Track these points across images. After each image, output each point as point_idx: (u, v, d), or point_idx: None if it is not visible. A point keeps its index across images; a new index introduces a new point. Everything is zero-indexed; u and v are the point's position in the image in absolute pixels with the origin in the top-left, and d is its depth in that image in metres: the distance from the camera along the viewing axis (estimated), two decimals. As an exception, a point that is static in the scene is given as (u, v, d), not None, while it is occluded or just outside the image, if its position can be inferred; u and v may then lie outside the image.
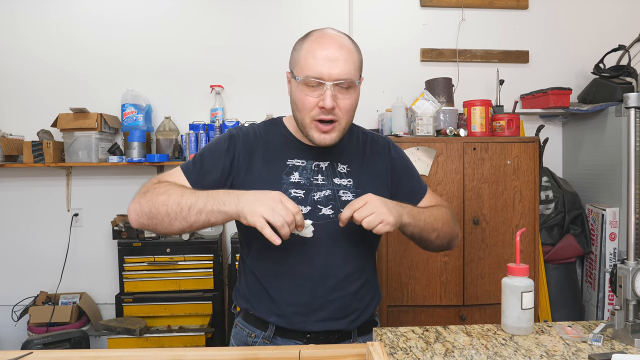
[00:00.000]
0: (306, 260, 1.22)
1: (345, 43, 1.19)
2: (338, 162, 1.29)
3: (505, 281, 1.19)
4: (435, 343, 1.12)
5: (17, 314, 2.92)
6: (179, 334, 2.65)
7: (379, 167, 1.34)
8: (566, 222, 2.75)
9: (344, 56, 1.16)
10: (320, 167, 1.27)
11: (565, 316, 2.71)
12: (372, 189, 1.25)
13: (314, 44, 1.17)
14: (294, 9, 3.05)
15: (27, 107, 2.98)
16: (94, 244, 3.01)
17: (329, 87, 1.15)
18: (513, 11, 3.12)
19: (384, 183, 1.33)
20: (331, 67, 1.14)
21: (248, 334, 1.27)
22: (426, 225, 1.24)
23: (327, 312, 1.22)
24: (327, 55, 1.15)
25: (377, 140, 1.39)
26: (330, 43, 1.17)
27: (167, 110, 2.97)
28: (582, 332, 1.17)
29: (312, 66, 1.15)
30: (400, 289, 2.41)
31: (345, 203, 1.22)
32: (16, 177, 3.00)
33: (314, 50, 1.16)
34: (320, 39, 1.18)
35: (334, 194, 1.25)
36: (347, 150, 1.31)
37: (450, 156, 2.41)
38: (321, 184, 1.25)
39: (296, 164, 1.26)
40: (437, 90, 2.69)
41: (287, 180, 1.24)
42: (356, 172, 1.30)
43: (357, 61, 1.21)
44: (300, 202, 1.22)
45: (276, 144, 1.29)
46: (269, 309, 1.23)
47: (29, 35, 2.98)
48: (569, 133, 3.09)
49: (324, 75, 1.14)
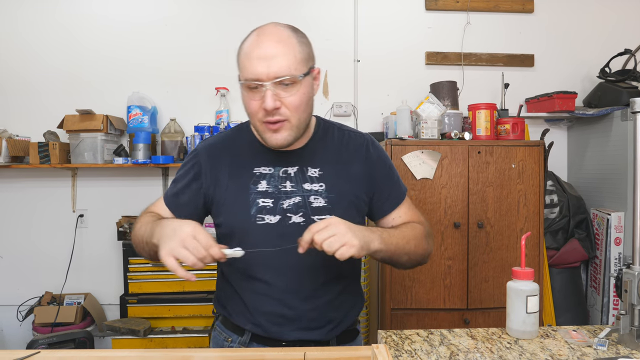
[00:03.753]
0: (277, 270, 1.18)
1: (283, 37, 1.10)
2: (308, 167, 1.22)
3: (510, 285, 1.19)
4: (440, 346, 1.12)
5: (23, 314, 2.93)
6: (183, 335, 2.65)
7: (355, 169, 1.25)
8: (571, 226, 2.74)
9: (281, 51, 1.08)
10: (289, 173, 1.21)
11: (569, 320, 2.70)
12: (346, 192, 1.21)
13: (251, 43, 1.11)
14: (298, 13, 3.06)
15: (33, 109, 3.00)
16: (99, 244, 3.02)
17: (269, 87, 1.07)
18: (518, 15, 3.12)
19: (360, 186, 1.25)
20: (268, 66, 1.07)
21: (225, 338, 1.26)
22: (397, 250, 1.15)
23: (302, 322, 1.19)
24: (262, 53, 1.08)
25: (354, 139, 1.29)
26: (266, 40, 1.09)
27: (173, 112, 2.99)
28: (587, 336, 1.17)
29: (248, 68, 1.09)
30: (404, 292, 2.41)
31: (317, 209, 1.18)
32: (22, 178, 3.02)
33: (250, 51, 1.09)
34: (257, 37, 1.11)
35: (304, 200, 1.19)
36: (319, 152, 1.24)
37: (455, 160, 2.41)
38: (290, 191, 1.20)
39: (263, 172, 1.21)
40: (442, 94, 2.69)
41: (254, 190, 1.19)
42: (329, 175, 1.22)
43: (299, 54, 1.11)
44: (269, 211, 1.18)
45: (242, 152, 1.24)
46: (244, 317, 1.22)
47: (35, 37, 3.00)
48: (574, 137, 3.09)
49: (262, 75, 1.07)
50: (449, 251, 2.40)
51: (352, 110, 3.05)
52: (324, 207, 1.19)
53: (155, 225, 1.09)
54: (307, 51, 1.15)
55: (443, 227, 2.40)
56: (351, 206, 1.23)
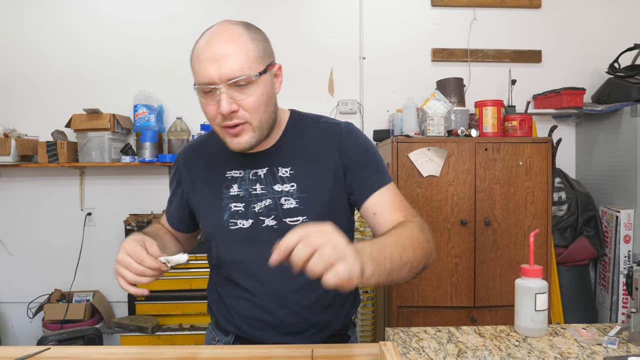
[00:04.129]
0: (254, 276, 1.16)
1: (234, 35, 1.03)
2: (278, 167, 1.16)
3: (518, 282, 1.18)
4: (447, 343, 1.12)
5: (33, 311, 2.96)
6: (190, 332, 2.67)
7: (328, 163, 1.15)
8: (579, 223, 2.72)
9: (232, 51, 1.01)
10: (259, 175, 1.16)
11: (577, 319, 2.68)
12: (320, 191, 1.13)
13: (201, 45, 1.04)
14: (303, 11, 3.05)
15: (41, 109, 3.02)
16: (106, 242, 3.04)
17: (223, 90, 1.01)
18: (525, 10, 3.10)
19: (336, 181, 1.15)
20: (220, 67, 1.00)
21: (213, 337, 1.28)
22: (394, 265, 0.92)
23: (283, 327, 1.17)
24: (213, 54, 1.01)
25: (327, 130, 1.18)
26: (217, 39, 1.02)
27: (179, 110, 3.00)
28: (597, 334, 1.16)
29: (200, 71, 1.02)
30: (411, 289, 2.40)
31: (288, 211, 1.13)
32: (31, 177, 3.04)
33: (200, 53, 1.03)
34: (207, 37, 1.04)
35: (275, 202, 1.14)
36: (291, 150, 1.17)
37: (462, 157, 2.40)
38: (260, 193, 1.15)
39: (235, 176, 1.18)
40: (449, 91, 2.68)
41: (227, 195, 1.17)
42: (301, 174, 1.15)
43: (252, 52, 1.03)
44: (241, 215, 1.15)
45: (215, 157, 1.22)
46: (227, 320, 1.23)
47: (41, 38, 3.02)
48: (582, 133, 3.06)
49: (214, 78, 1.01)
50: (455, 249, 2.40)
51: (357, 108, 3.04)
52: (296, 209, 1.13)
53: None
54: (262, 47, 1.07)
55: (450, 225, 2.39)
56: (325, 205, 1.14)
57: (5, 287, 3.05)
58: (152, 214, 2.93)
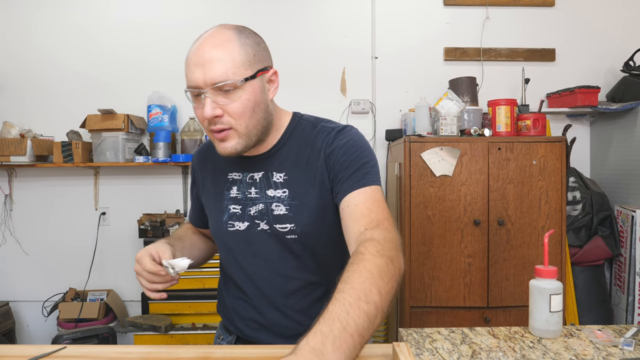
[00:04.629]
0: (249, 277, 1.18)
1: (223, 40, 1.02)
2: (273, 172, 1.14)
3: (533, 283, 1.17)
4: (461, 345, 1.11)
5: (47, 309, 3.00)
6: (203, 331, 2.68)
7: (316, 168, 1.11)
8: (594, 223, 2.69)
9: (219, 56, 1.00)
10: (255, 179, 1.16)
11: (592, 320, 2.66)
12: (311, 198, 1.10)
13: (191, 50, 1.04)
14: (315, 10, 3.06)
15: (56, 109, 3.06)
16: (120, 242, 3.07)
17: (207, 95, 1.01)
18: (539, 8, 3.07)
19: (322, 187, 1.10)
20: (205, 72, 1.00)
21: (218, 335, 1.31)
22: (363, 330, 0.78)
23: (277, 329, 1.17)
24: (199, 59, 1.01)
25: (321, 134, 1.14)
26: (206, 45, 1.01)
27: (192, 111, 3.00)
28: (613, 336, 1.15)
29: (188, 75, 1.03)
30: (424, 289, 2.39)
31: (278, 218, 1.11)
32: (46, 177, 3.08)
33: (189, 58, 1.03)
34: (197, 42, 1.04)
35: (267, 207, 1.13)
36: (287, 155, 1.15)
37: (475, 156, 2.39)
38: (255, 197, 1.15)
39: (235, 178, 1.19)
40: (461, 90, 2.66)
41: (227, 196, 1.19)
42: (294, 180, 1.12)
43: (239, 57, 1.01)
44: (239, 218, 1.16)
45: (220, 158, 1.22)
46: (229, 320, 1.26)
47: (54, 40, 3.06)
48: (597, 132, 3.03)
49: (199, 82, 1.01)
50: (469, 249, 2.38)
51: (370, 108, 3.04)
52: (285, 216, 1.11)
53: None
54: (253, 52, 1.04)
55: (463, 225, 2.38)
56: (315, 214, 1.11)
57: (21, 286, 3.10)
58: (166, 214, 2.95)
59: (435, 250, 2.38)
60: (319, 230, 1.12)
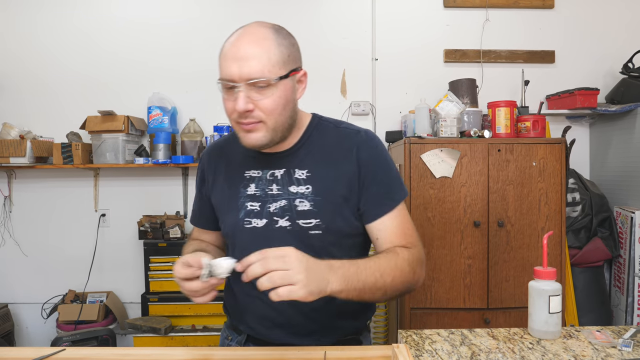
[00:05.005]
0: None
1: (260, 37, 1.06)
2: (295, 169, 1.17)
3: (532, 284, 1.18)
4: (461, 346, 1.11)
5: (47, 311, 3.00)
6: (203, 333, 2.68)
7: (345, 170, 1.16)
8: (594, 224, 2.70)
9: (256, 53, 1.04)
10: (276, 176, 1.18)
11: (592, 321, 2.66)
12: (335, 195, 1.15)
13: (228, 43, 1.08)
14: (316, 12, 3.06)
15: (56, 111, 3.06)
16: (120, 243, 3.07)
17: (241, 89, 1.04)
18: (538, 10, 3.08)
19: (351, 187, 1.15)
20: (241, 67, 1.03)
21: (226, 336, 1.29)
22: (366, 287, 1.00)
23: (290, 327, 1.18)
24: (237, 54, 1.05)
25: (348, 137, 1.19)
26: (243, 41, 1.06)
27: (192, 112, 3.02)
28: (611, 337, 1.15)
29: (223, 68, 1.07)
30: (424, 291, 2.39)
31: (301, 213, 1.14)
32: (46, 178, 3.08)
33: (226, 51, 1.07)
34: (235, 37, 1.08)
35: (290, 204, 1.15)
36: (309, 153, 1.18)
37: (475, 158, 2.39)
38: (276, 194, 1.16)
39: (253, 175, 1.20)
40: (461, 92, 2.67)
41: (244, 194, 1.19)
42: (317, 177, 1.16)
43: (275, 56, 1.05)
44: (256, 215, 1.17)
45: (236, 156, 1.24)
46: (240, 318, 1.25)
47: (54, 41, 3.06)
48: (596, 134, 3.03)
49: (234, 76, 1.04)
50: (468, 250, 2.39)
51: (370, 109, 3.04)
52: (310, 211, 1.14)
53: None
54: (288, 52, 1.09)
55: (463, 226, 2.38)
56: (338, 210, 1.15)
57: (20, 287, 3.10)
58: (166, 215, 2.95)
59: (435, 251, 2.38)
60: (341, 226, 1.16)
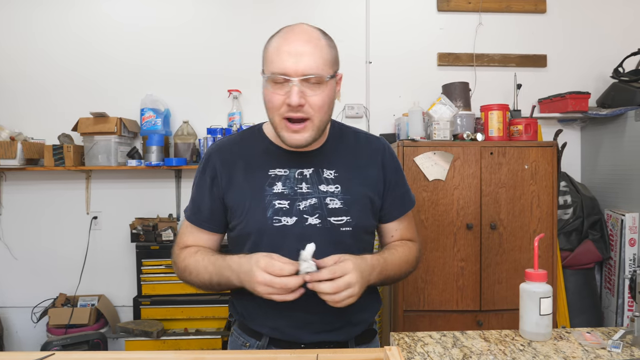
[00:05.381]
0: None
1: (313, 37, 1.12)
2: (323, 168, 1.23)
3: (523, 287, 1.18)
4: (452, 348, 1.12)
5: (37, 315, 2.97)
6: (196, 337, 2.67)
7: (371, 172, 1.27)
8: (585, 227, 2.72)
9: (310, 50, 1.10)
10: (304, 175, 1.22)
11: (583, 322, 2.67)
12: (361, 194, 1.23)
13: (280, 39, 1.12)
14: (310, 15, 3.06)
15: (48, 112, 3.04)
16: (112, 246, 3.05)
17: (295, 83, 1.08)
18: (531, 15, 3.10)
19: (375, 189, 1.26)
20: (297, 62, 1.08)
21: (243, 342, 1.26)
22: (388, 279, 1.22)
23: (321, 324, 1.20)
24: (292, 50, 1.09)
25: (371, 142, 1.31)
26: (297, 38, 1.11)
27: (185, 114, 3.01)
28: (601, 338, 1.16)
29: (277, 62, 1.10)
30: (417, 293, 2.40)
31: (333, 211, 1.19)
32: (37, 180, 3.06)
33: (279, 46, 1.11)
34: (287, 34, 1.13)
35: (320, 202, 1.20)
36: (335, 154, 1.25)
37: (467, 161, 2.40)
38: (306, 192, 1.20)
39: (278, 174, 1.22)
40: (454, 95, 2.68)
41: (270, 192, 1.20)
42: (345, 177, 1.23)
43: (327, 56, 1.12)
44: (286, 213, 1.18)
45: (256, 154, 1.25)
46: (262, 322, 1.22)
47: (48, 41, 3.04)
48: (587, 137, 3.06)
49: (289, 70, 1.08)
50: (461, 252, 2.39)
51: (364, 112, 3.05)
52: (340, 209, 1.20)
53: (222, 271, 1.14)
54: (334, 55, 1.17)
55: (456, 229, 2.39)
56: (365, 208, 1.24)
57: (10, 291, 3.06)
58: (158, 218, 2.94)
59: (428, 254, 2.38)
60: (366, 224, 1.25)
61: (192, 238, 1.28)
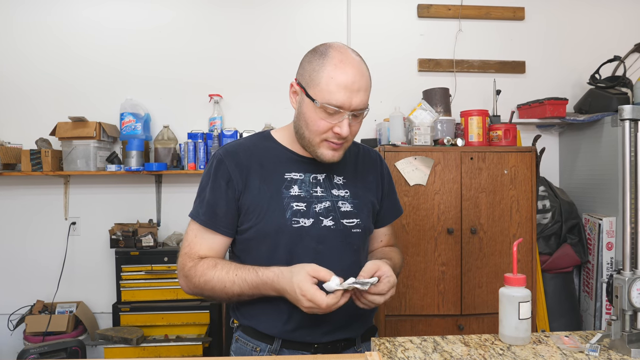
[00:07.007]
0: None
1: (364, 71, 1.19)
2: (334, 174, 1.32)
3: (502, 291, 1.19)
4: (433, 353, 1.12)
5: (14, 323, 2.90)
6: (176, 343, 2.63)
7: (370, 180, 1.39)
8: (563, 231, 2.76)
9: (364, 86, 1.18)
10: (318, 179, 1.30)
11: (563, 326, 2.71)
12: (366, 199, 1.35)
13: (336, 70, 1.15)
14: (291, 21, 3.07)
15: (25, 116, 2.99)
16: (91, 252, 3.00)
17: (347, 117, 1.17)
18: (510, 22, 3.15)
19: (375, 195, 1.39)
20: (352, 98, 1.15)
21: (252, 348, 1.25)
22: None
23: (334, 323, 1.24)
24: (349, 84, 1.15)
25: (368, 153, 1.44)
26: (352, 71, 1.16)
27: (166, 119, 2.98)
28: (579, 342, 1.17)
29: (334, 94, 1.14)
30: (398, 298, 2.41)
31: (345, 214, 1.28)
32: (14, 186, 3.00)
33: (336, 77, 1.14)
34: (342, 64, 1.15)
35: (333, 205, 1.28)
36: (342, 162, 1.31)
37: (448, 166, 2.42)
38: (321, 195, 1.28)
39: (294, 177, 1.28)
40: (435, 100, 2.71)
41: (287, 194, 1.25)
42: (351, 183, 1.34)
43: (370, 89, 1.22)
44: (303, 214, 1.24)
45: (270, 159, 1.29)
46: (274, 324, 1.23)
47: (27, 44, 2.99)
48: (565, 143, 3.11)
49: (344, 105, 1.15)
50: (442, 257, 2.41)
51: (345, 117, 3.05)
52: (351, 212, 1.30)
53: (257, 285, 1.16)
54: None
55: (436, 233, 2.41)
56: (370, 213, 1.35)
57: (-14, 298, 3.00)
58: (138, 224, 2.90)
59: (409, 258, 2.40)
60: (370, 226, 1.36)
61: (205, 245, 1.26)
